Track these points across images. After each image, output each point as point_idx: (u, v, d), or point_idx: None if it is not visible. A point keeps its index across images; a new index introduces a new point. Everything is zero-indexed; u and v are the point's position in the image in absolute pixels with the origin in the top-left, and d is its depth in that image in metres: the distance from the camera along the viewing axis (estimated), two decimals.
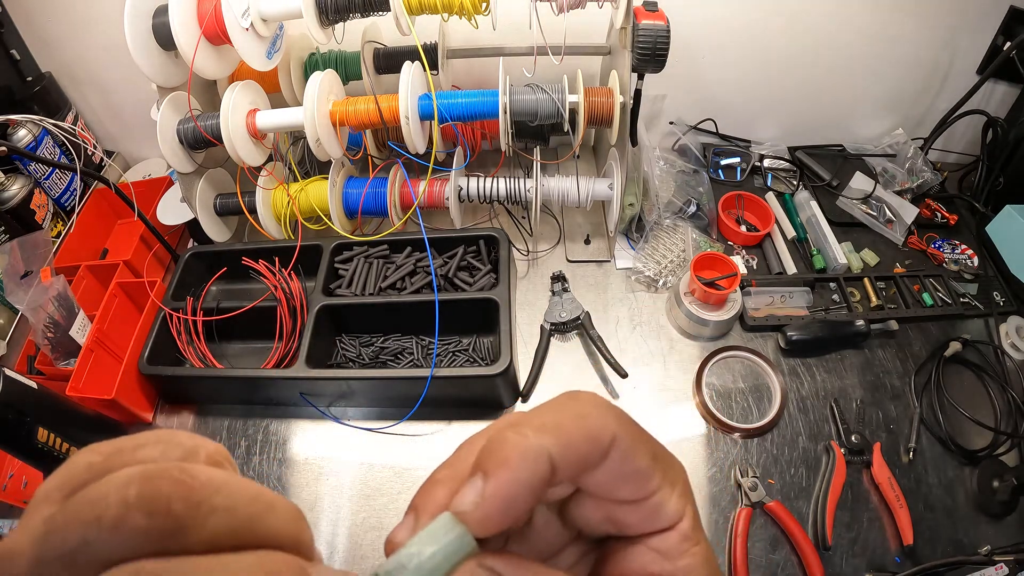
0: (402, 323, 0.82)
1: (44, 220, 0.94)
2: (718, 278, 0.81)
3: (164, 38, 0.70)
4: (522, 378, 0.80)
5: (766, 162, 1.07)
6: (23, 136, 0.89)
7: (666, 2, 0.72)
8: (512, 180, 0.88)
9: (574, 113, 0.79)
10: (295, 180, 0.90)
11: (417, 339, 0.81)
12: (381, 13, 0.73)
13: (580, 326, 0.84)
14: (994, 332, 0.85)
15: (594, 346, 0.81)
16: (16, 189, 0.88)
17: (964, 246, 0.95)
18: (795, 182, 1.04)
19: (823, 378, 0.81)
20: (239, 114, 0.75)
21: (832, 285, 0.90)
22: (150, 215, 0.91)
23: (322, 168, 0.89)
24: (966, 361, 0.82)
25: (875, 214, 0.98)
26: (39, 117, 0.88)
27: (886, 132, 1.11)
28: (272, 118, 0.77)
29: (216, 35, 0.69)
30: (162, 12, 0.69)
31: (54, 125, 0.88)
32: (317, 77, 0.74)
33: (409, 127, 0.75)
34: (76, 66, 0.99)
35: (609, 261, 0.94)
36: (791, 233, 0.96)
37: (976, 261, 0.93)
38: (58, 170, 0.95)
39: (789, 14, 0.94)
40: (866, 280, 0.90)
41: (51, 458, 0.64)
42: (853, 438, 0.73)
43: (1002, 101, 1.02)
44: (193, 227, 0.91)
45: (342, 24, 0.77)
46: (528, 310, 0.88)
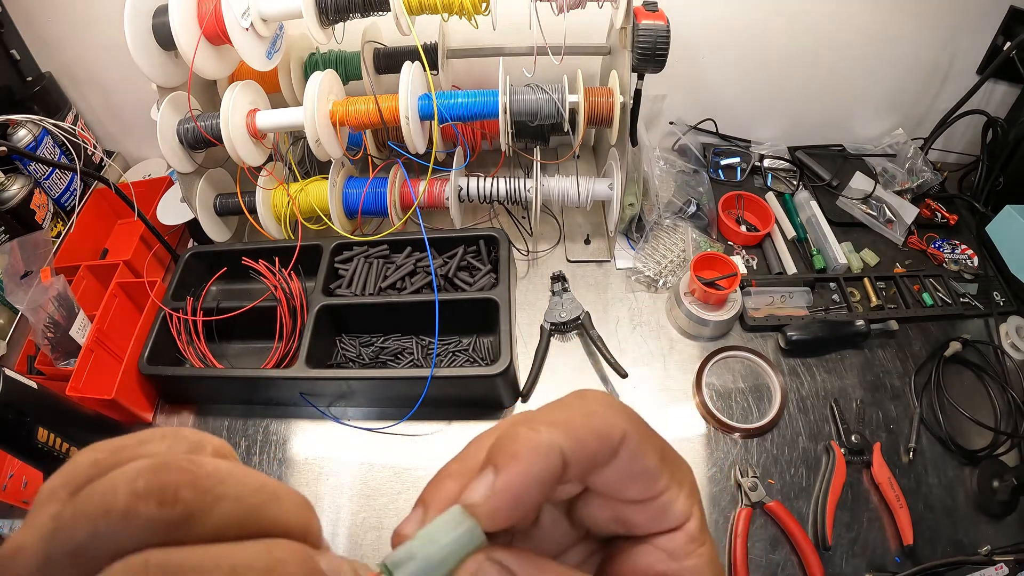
0: (402, 323, 0.82)
1: (44, 220, 0.93)
2: (718, 278, 0.81)
3: (164, 38, 0.70)
4: (522, 378, 0.80)
5: (766, 162, 1.07)
6: (23, 136, 0.89)
7: (666, 2, 0.72)
8: (512, 180, 0.88)
9: (574, 113, 0.79)
10: (295, 180, 0.90)
11: (417, 339, 0.81)
12: (381, 13, 0.73)
13: (580, 326, 0.84)
14: (994, 332, 0.85)
15: (594, 346, 0.81)
16: (16, 189, 0.88)
17: (964, 246, 0.95)
18: (795, 182, 1.04)
19: (823, 378, 0.81)
20: (239, 114, 0.75)
21: (832, 285, 0.90)
22: (150, 215, 0.91)
23: (322, 168, 0.89)
24: (966, 361, 0.82)
25: (875, 214, 0.98)
26: (39, 117, 0.88)
27: (886, 132, 1.11)
28: (272, 118, 0.77)
29: (216, 35, 0.70)
30: (162, 12, 0.69)
31: (54, 125, 0.88)
32: (317, 77, 0.74)
33: (409, 127, 0.75)
34: (76, 66, 0.99)
35: (609, 261, 0.94)
36: (791, 233, 0.96)
37: (976, 261, 0.93)
38: (58, 170, 0.95)
39: (789, 14, 0.94)
40: (866, 280, 0.90)
41: (51, 458, 0.64)
42: (853, 438, 0.73)
43: (1002, 101, 1.02)
44: (193, 227, 0.91)
45: (342, 24, 0.77)
46: (528, 310, 0.88)
